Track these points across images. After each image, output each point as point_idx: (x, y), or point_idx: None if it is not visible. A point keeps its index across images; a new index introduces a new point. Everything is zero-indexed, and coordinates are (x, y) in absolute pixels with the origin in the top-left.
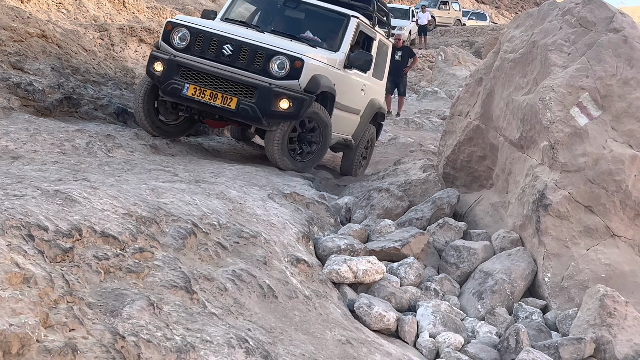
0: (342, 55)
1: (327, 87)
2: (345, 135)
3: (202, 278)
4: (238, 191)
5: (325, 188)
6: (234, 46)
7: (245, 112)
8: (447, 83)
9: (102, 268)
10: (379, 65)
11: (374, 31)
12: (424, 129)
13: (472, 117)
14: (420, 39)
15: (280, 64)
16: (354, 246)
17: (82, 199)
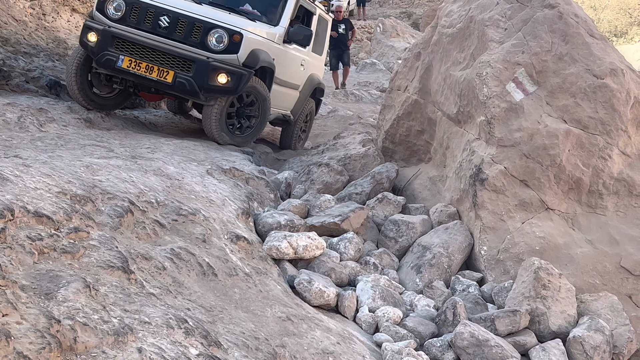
0: (282, 29)
1: (266, 62)
2: (284, 111)
3: (139, 257)
4: (176, 167)
5: (265, 162)
6: (170, 18)
7: (182, 86)
8: (386, 55)
9: (36, 249)
10: (319, 41)
11: (314, 6)
12: (363, 101)
13: (411, 92)
14: (359, 9)
15: (219, 37)
16: (294, 222)
17: (14, 177)
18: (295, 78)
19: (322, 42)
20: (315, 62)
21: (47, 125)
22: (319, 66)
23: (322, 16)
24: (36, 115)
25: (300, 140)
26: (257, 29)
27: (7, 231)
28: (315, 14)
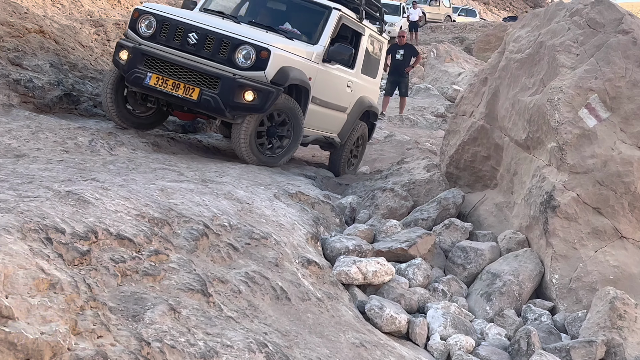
0: (321, 48)
1: (298, 80)
2: (327, 133)
3: (216, 280)
4: (245, 191)
5: (327, 187)
6: (199, 35)
7: (208, 104)
8: (440, 80)
9: (120, 271)
10: (371, 63)
11: (362, 26)
12: (418, 126)
13: (477, 117)
14: (411, 35)
15: (246, 54)
16: (362, 247)
17: (94, 200)
18: (341, 100)
19: (375, 64)
20: (367, 84)
21: (117, 149)
22: (371, 89)
23: (374, 37)
24: (106, 139)
25: (351, 165)
26: (289, 46)
27: (91, 253)
28: (364, 35)
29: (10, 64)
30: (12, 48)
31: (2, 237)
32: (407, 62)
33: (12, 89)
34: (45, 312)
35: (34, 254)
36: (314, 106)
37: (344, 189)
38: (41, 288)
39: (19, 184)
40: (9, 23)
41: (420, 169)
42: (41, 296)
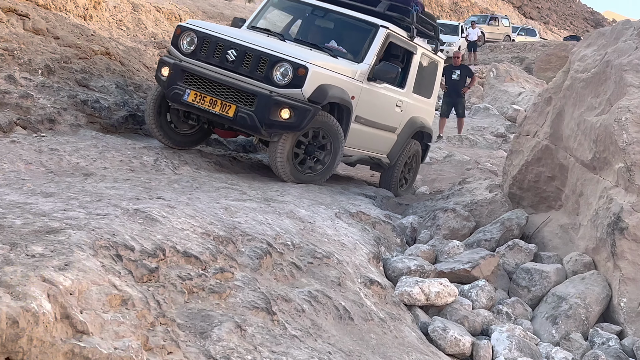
0: (366, 66)
1: (338, 99)
2: (374, 153)
3: (280, 299)
4: (306, 210)
5: (387, 207)
6: (238, 51)
7: (243, 121)
8: (499, 100)
9: (187, 288)
10: (424, 82)
11: (413, 44)
12: (478, 146)
13: (541, 137)
14: (469, 54)
15: (284, 71)
16: (424, 267)
17: (161, 218)
18: (389, 119)
19: (429, 84)
20: (419, 104)
21: (181, 168)
22: (425, 109)
23: (428, 56)
24: (170, 159)
25: (403, 185)
26: (330, 64)
27: (159, 270)
28: (416, 54)
29: (78, 85)
30: (79, 69)
31: (75, 253)
32: (462, 83)
33: (80, 110)
34: (118, 327)
35: (106, 270)
36: (358, 125)
37: (404, 209)
38: (114, 304)
39: (89, 202)
40: (77, 45)
41: (483, 189)
42: (114, 312)
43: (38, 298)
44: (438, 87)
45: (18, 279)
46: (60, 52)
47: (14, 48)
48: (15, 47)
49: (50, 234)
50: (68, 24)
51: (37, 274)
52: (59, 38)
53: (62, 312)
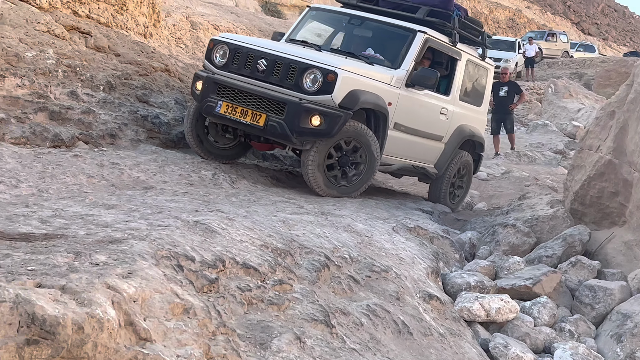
0: (403, 72)
1: (371, 104)
2: (418, 162)
3: (338, 312)
4: (364, 224)
5: (445, 222)
6: (268, 61)
7: (274, 129)
8: (558, 116)
9: (246, 299)
10: (473, 90)
11: (457, 50)
12: (536, 162)
13: (604, 152)
14: (527, 71)
15: (314, 77)
16: (484, 283)
17: (221, 229)
18: (433, 127)
19: (478, 92)
20: (468, 112)
21: (239, 182)
22: (474, 118)
23: (476, 63)
24: (228, 173)
25: (456, 197)
26: (362, 70)
27: (219, 281)
28: (460, 60)
29: (138, 100)
30: (140, 86)
31: (138, 262)
32: (510, 99)
33: (140, 125)
34: (180, 335)
35: (168, 279)
36: (398, 133)
37: (462, 225)
38: (176, 312)
39: (149, 214)
40: (137, 62)
41: (543, 204)
42: (176, 320)
43: (103, 304)
44: (489, 95)
45: (83, 286)
46: (121, 69)
47: (76, 65)
48: (78, 64)
49: (113, 243)
50: (129, 41)
51: (102, 281)
52: (120, 55)
53: (126, 319)
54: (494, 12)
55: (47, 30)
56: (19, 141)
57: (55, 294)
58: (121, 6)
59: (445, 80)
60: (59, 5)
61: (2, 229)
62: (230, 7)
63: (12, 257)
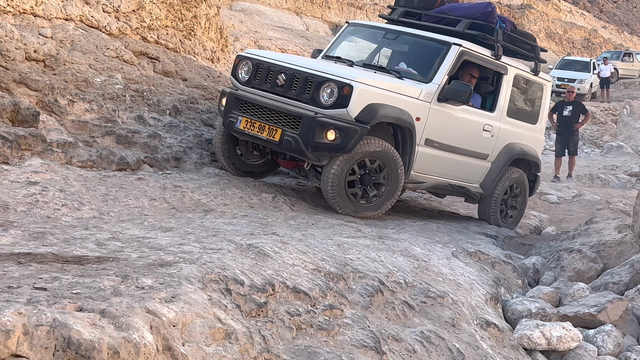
0: (434, 86)
1: (392, 118)
2: (458, 182)
3: (390, 338)
4: (422, 248)
5: (509, 246)
6: (287, 75)
7: (289, 144)
8: (634, 138)
9: (294, 324)
10: (526, 106)
11: (502, 64)
12: (610, 185)
13: None
14: (602, 91)
15: (330, 91)
16: (545, 310)
17: (273, 253)
18: (475, 145)
19: (533, 108)
20: (519, 130)
21: (298, 205)
22: (527, 136)
23: (527, 78)
24: (288, 196)
25: (509, 217)
26: (384, 83)
27: (268, 305)
28: (506, 74)
29: (203, 124)
30: (205, 110)
31: (183, 286)
32: (575, 119)
33: (204, 148)
34: None
35: (212, 303)
36: (430, 149)
37: (527, 249)
38: (217, 337)
39: (204, 237)
40: (203, 86)
41: (611, 229)
42: (216, 345)
43: (140, 329)
44: (546, 111)
45: (122, 310)
46: (187, 93)
47: (144, 90)
48: (145, 88)
49: (163, 267)
50: (196, 66)
51: (142, 305)
52: (186, 80)
53: (164, 343)
54: (569, 32)
55: (116, 56)
56: (86, 164)
57: (94, 318)
58: (189, 32)
59: (490, 96)
60: (129, 32)
61: (58, 252)
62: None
63: (60, 280)
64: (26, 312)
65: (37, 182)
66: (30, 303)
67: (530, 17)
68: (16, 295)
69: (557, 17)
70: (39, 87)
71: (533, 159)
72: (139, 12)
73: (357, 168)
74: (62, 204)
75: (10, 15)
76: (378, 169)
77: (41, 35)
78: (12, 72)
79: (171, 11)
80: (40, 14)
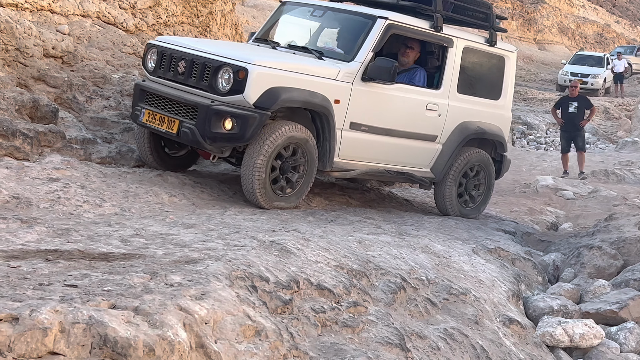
0: (356, 65)
1: (299, 103)
2: (400, 167)
3: (414, 335)
4: (442, 245)
5: (528, 243)
6: (187, 62)
7: (186, 136)
8: None
9: (319, 321)
10: (483, 81)
11: (445, 37)
12: (625, 181)
13: None
14: (616, 87)
15: (228, 76)
16: (567, 307)
17: (296, 250)
18: (418, 126)
19: (492, 83)
20: (475, 107)
21: (315, 201)
22: (487, 113)
23: (480, 50)
24: None
25: (470, 203)
26: (292, 64)
27: (293, 302)
28: (452, 47)
29: None
30: None
31: (212, 283)
32: (581, 115)
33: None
34: (251, 358)
35: (241, 300)
36: (357, 134)
37: (546, 246)
38: (247, 334)
39: (227, 234)
40: None
41: (631, 226)
42: (247, 342)
43: (174, 327)
44: (511, 85)
45: (156, 308)
46: None
47: None
48: None
49: (189, 264)
50: None
51: (174, 302)
52: None
53: (197, 341)
54: (582, 27)
55: (133, 52)
56: (105, 161)
57: (128, 316)
58: (205, 28)
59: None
60: (145, 28)
61: (84, 249)
62: None
63: (90, 277)
64: (62, 310)
65: (58, 178)
66: (64, 300)
67: (542, 12)
68: (49, 292)
69: (570, 11)
70: (57, 84)
71: (496, 137)
72: (155, 9)
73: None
74: (83, 201)
75: (28, 12)
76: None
77: (59, 32)
78: (31, 68)
79: (187, 7)
80: (58, 11)
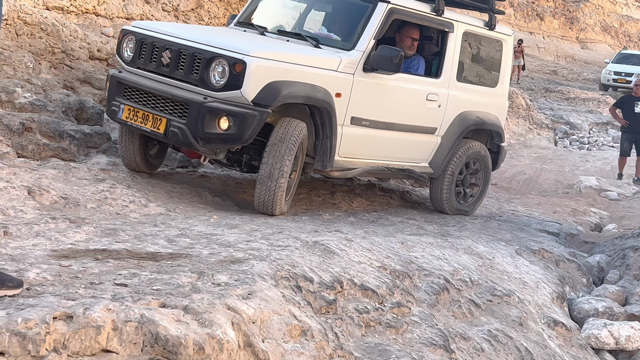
0: (357, 54)
1: (300, 98)
2: (401, 163)
3: (458, 337)
4: (485, 246)
5: (572, 244)
6: (172, 52)
7: (176, 137)
8: None
9: (363, 321)
10: (481, 67)
11: (446, 21)
12: None
13: None
14: None
15: (222, 69)
16: (612, 309)
17: (339, 250)
18: (419, 118)
19: (490, 69)
20: (473, 96)
21: (356, 201)
22: (485, 102)
23: (480, 35)
24: (346, 192)
25: (467, 197)
26: (289, 55)
27: (337, 302)
28: (452, 32)
29: None
30: None
31: (258, 283)
32: None
33: None
34: (297, 358)
35: (287, 300)
36: (359, 129)
37: (590, 247)
38: (294, 334)
39: (270, 234)
40: None
41: None
42: (294, 342)
43: (223, 326)
44: (508, 71)
45: (205, 307)
46: None
47: None
48: None
49: (235, 263)
50: None
51: (222, 302)
52: None
53: (245, 340)
54: (625, 25)
55: None
56: None
57: (178, 314)
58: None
59: (437, 59)
60: None
61: (131, 248)
62: None
63: (139, 277)
64: (114, 308)
65: (104, 179)
66: (116, 299)
67: (585, 10)
68: (100, 291)
69: (613, 10)
70: (102, 86)
71: (494, 128)
72: (197, 11)
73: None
74: (129, 201)
75: (74, 15)
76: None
77: (103, 35)
78: (77, 71)
79: (229, 9)
80: (102, 14)
